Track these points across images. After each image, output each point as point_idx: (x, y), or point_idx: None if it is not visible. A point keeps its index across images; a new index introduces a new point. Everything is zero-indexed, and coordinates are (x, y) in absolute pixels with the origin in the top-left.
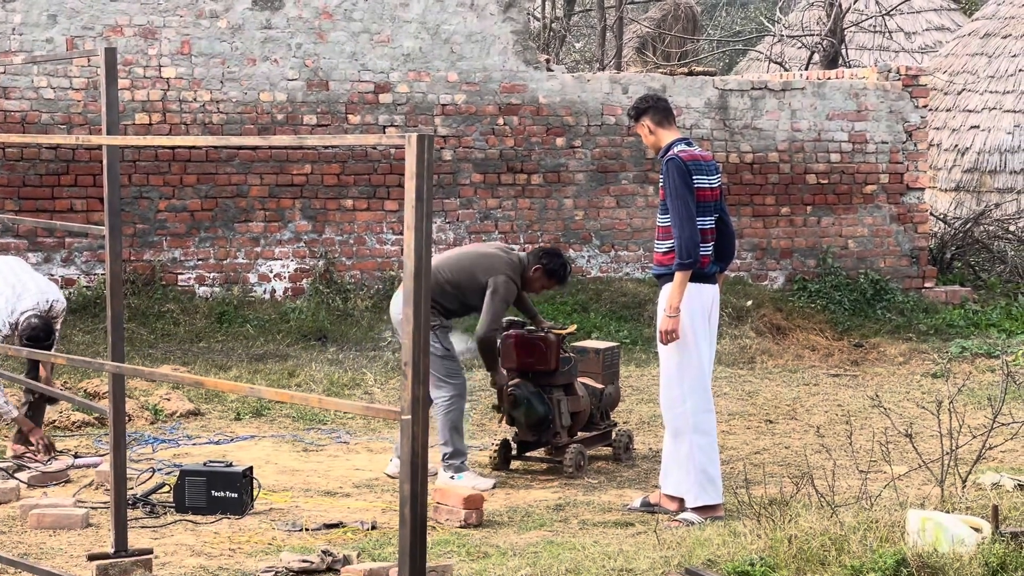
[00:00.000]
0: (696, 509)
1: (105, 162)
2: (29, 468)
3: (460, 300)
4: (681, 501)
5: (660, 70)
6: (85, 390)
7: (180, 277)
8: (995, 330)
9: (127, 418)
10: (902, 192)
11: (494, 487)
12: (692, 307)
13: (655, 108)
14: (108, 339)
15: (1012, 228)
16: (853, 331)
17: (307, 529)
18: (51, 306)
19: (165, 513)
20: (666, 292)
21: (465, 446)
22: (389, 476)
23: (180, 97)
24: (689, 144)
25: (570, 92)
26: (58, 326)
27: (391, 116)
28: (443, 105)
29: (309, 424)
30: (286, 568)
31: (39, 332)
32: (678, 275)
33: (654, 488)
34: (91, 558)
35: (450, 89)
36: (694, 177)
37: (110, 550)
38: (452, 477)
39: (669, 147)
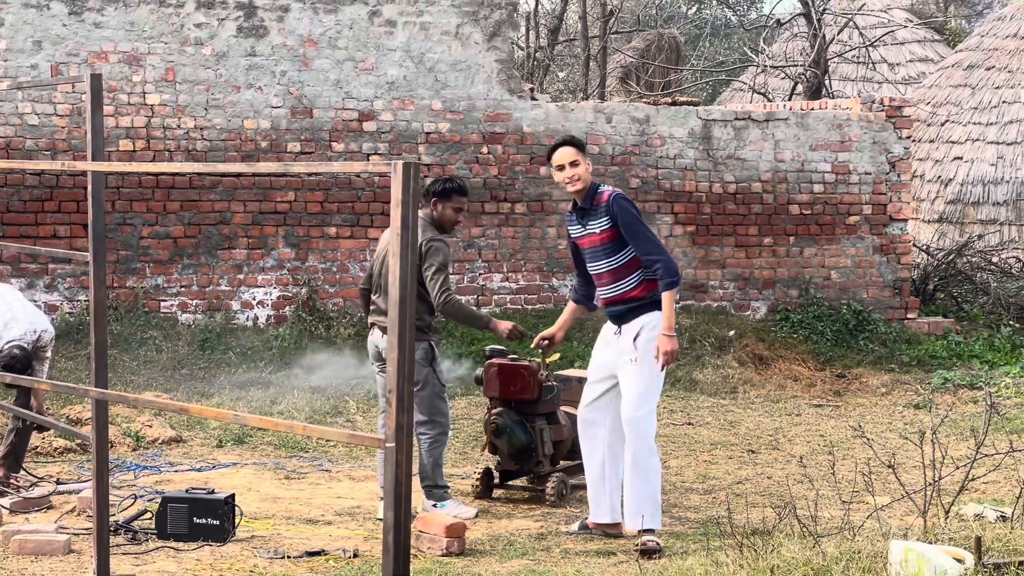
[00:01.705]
0: (649, 531)
1: (90, 188)
2: (11, 494)
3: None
4: (618, 525)
5: (643, 100)
6: (68, 416)
7: (163, 304)
8: (977, 361)
9: (109, 445)
10: (885, 223)
11: (476, 516)
12: (656, 333)
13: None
14: (91, 365)
15: (995, 260)
16: (835, 361)
17: (289, 557)
18: (39, 336)
19: (147, 540)
20: (640, 322)
21: (446, 482)
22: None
23: (164, 124)
24: None
25: (554, 121)
26: (48, 354)
27: (375, 144)
28: (427, 133)
29: (291, 452)
30: None
31: (16, 363)
32: (669, 295)
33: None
34: None
35: (434, 117)
36: None
37: None
38: (435, 505)
39: (596, 188)
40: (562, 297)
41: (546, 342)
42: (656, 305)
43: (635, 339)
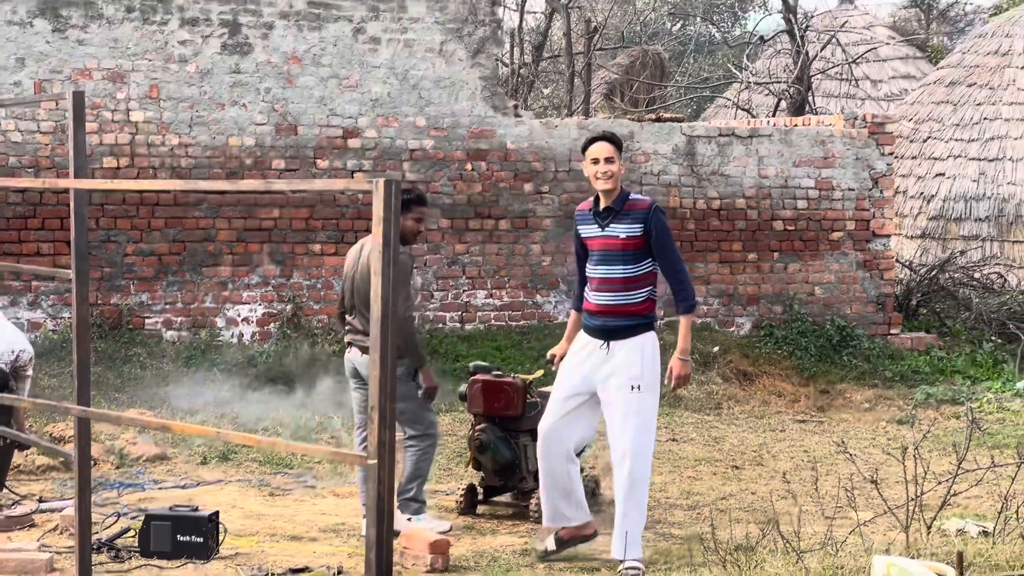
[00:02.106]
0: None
1: (72, 206)
2: None
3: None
4: (588, 523)
5: (628, 116)
6: (51, 434)
7: (147, 321)
8: (960, 377)
9: (92, 462)
10: (868, 239)
11: (450, 529)
12: (657, 355)
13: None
14: (74, 383)
15: (977, 275)
16: (819, 377)
17: (273, 574)
18: (16, 356)
19: (130, 558)
20: (639, 343)
21: (424, 497)
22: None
23: (148, 141)
24: None
25: (538, 138)
26: (29, 372)
27: (359, 161)
28: (411, 150)
29: (276, 468)
30: None
31: None
32: (689, 319)
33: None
34: None
35: (418, 134)
36: None
37: None
38: (409, 519)
39: (627, 193)
40: (546, 314)
41: (552, 363)
42: (650, 326)
43: (638, 365)
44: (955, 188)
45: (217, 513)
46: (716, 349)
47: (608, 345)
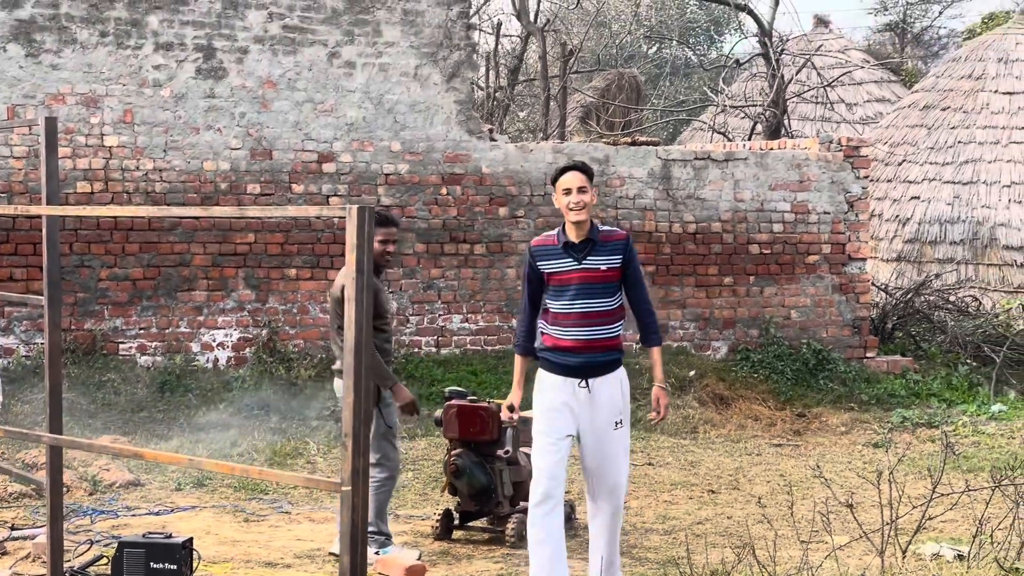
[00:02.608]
0: None
1: (45, 232)
2: None
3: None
4: None
5: (604, 140)
6: (23, 461)
7: (121, 346)
8: (936, 400)
9: (65, 489)
10: (844, 262)
11: (419, 557)
12: (629, 387)
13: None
14: (46, 410)
15: (952, 299)
16: (795, 401)
17: None
18: None
19: None
20: (618, 378)
21: (388, 530)
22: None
23: (123, 166)
24: None
25: (513, 162)
26: None
27: (335, 186)
28: (386, 175)
29: (251, 494)
30: None
31: None
32: (660, 350)
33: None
34: None
35: (393, 159)
36: None
37: None
38: (376, 552)
39: (597, 224)
40: None
41: (514, 413)
42: (622, 360)
43: (620, 400)
44: (930, 211)
45: (191, 540)
46: (692, 373)
47: (587, 383)
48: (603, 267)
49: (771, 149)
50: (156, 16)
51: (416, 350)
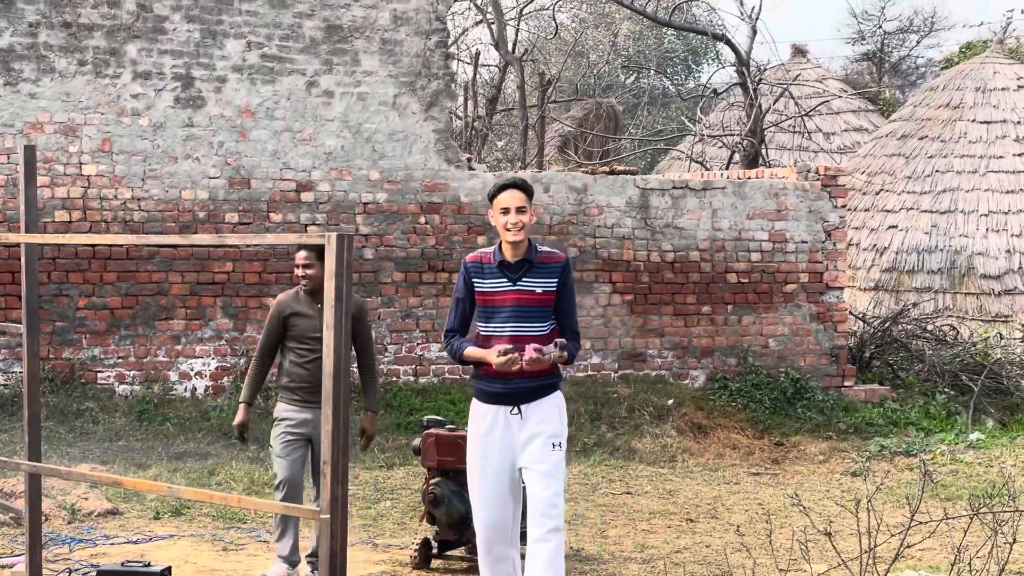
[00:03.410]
0: None
1: (23, 260)
2: None
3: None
4: None
5: (582, 169)
6: (1, 490)
7: (100, 375)
8: (913, 428)
9: (44, 518)
10: (822, 291)
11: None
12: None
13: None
14: (25, 438)
15: (930, 327)
16: (774, 430)
17: None
18: None
19: None
20: (553, 402)
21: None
22: None
23: (101, 195)
24: None
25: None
26: None
27: (313, 214)
28: (365, 203)
29: (229, 523)
30: None
31: None
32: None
33: None
34: None
35: (372, 187)
36: None
37: None
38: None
39: (536, 245)
40: None
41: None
42: (558, 384)
43: (556, 422)
44: (907, 240)
45: (170, 568)
46: (671, 402)
47: (519, 409)
48: (539, 290)
49: (749, 178)
50: (134, 45)
51: (394, 379)
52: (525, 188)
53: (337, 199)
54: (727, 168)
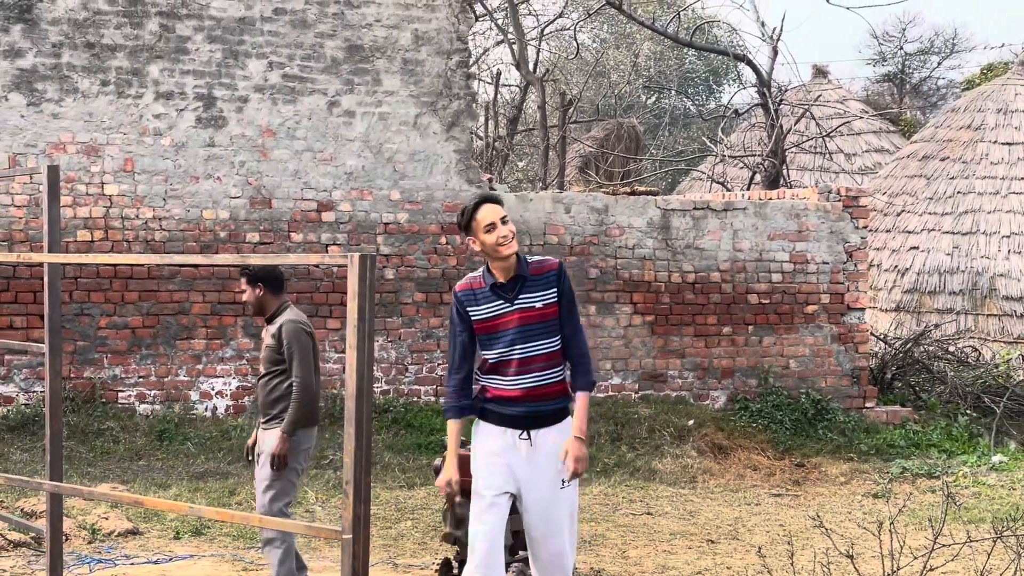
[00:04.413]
0: None
1: (46, 280)
2: None
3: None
4: None
5: (602, 189)
6: (22, 509)
7: (120, 395)
8: (935, 450)
9: (64, 537)
10: (843, 312)
11: None
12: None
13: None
14: (46, 457)
15: (952, 349)
16: (794, 451)
17: None
18: None
19: None
20: (564, 429)
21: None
22: None
23: (123, 214)
24: None
25: (512, 211)
26: None
27: (334, 235)
28: (386, 224)
29: (249, 543)
30: None
31: None
32: (587, 396)
33: None
34: None
35: (393, 208)
36: None
37: None
38: None
39: (524, 257)
40: None
41: (456, 494)
42: (569, 408)
43: (563, 456)
44: (929, 261)
45: None
46: (691, 423)
47: (530, 435)
48: (539, 304)
49: (770, 199)
50: (157, 65)
51: (415, 399)
52: (499, 200)
53: (358, 219)
54: (748, 189)
